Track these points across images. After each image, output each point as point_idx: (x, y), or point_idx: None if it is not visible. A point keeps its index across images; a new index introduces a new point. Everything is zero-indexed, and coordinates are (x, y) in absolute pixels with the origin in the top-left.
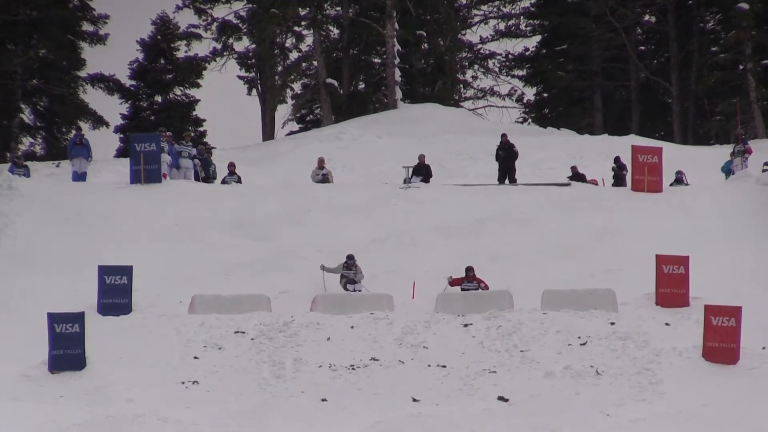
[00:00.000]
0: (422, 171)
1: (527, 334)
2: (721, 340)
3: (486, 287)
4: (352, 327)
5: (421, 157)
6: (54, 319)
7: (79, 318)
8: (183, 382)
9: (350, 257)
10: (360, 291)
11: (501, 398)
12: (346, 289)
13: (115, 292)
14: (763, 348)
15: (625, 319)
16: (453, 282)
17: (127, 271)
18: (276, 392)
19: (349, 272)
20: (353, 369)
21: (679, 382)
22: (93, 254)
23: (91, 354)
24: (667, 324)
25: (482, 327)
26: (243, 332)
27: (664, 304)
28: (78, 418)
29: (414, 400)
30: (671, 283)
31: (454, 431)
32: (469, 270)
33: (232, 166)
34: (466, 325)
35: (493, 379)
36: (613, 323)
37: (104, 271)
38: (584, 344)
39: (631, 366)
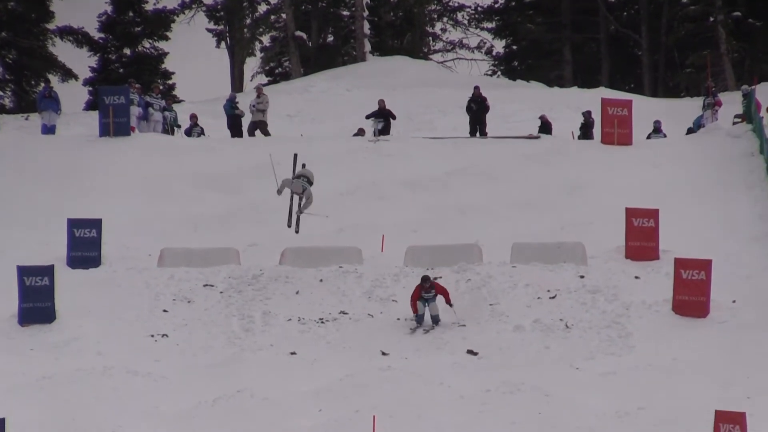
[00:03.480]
0: (383, 115)
1: (496, 288)
2: (691, 293)
3: (445, 293)
4: (321, 280)
5: (381, 102)
6: (23, 272)
7: (48, 271)
8: (152, 335)
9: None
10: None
11: (470, 352)
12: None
13: (85, 245)
14: (733, 301)
15: (594, 272)
16: (412, 297)
17: (96, 224)
18: (245, 345)
19: (297, 181)
20: (322, 322)
21: (649, 335)
22: (62, 207)
23: (61, 307)
24: (636, 277)
25: (451, 280)
26: (212, 285)
27: (634, 257)
28: (48, 370)
29: (383, 353)
30: (641, 236)
31: (423, 385)
32: (426, 280)
33: (194, 118)
34: (435, 279)
35: (462, 333)
36: (582, 277)
37: (73, 224)
38: (553, 298)
39: (601, 319)
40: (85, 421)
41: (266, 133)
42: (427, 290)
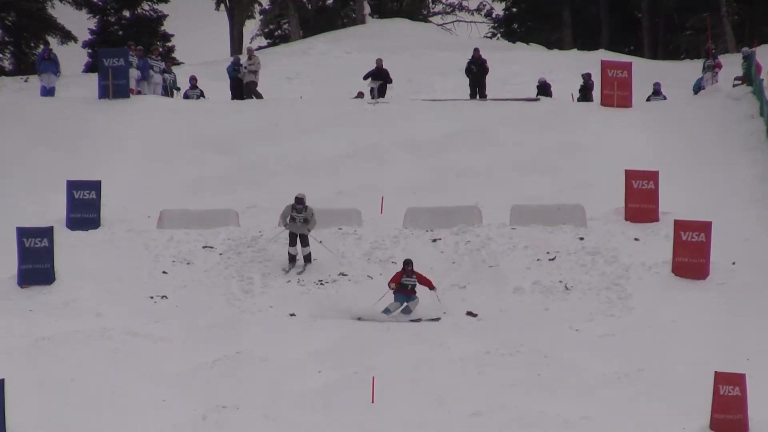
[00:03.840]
0: (381, 76)
1: (496, 250)
2: (691, 255)
3: (427, 281)
4: (321, 242)
5: (379, 62)
6: (23, 233)
7: (47, 232)
8: (152, 297)
9: (299, 200)
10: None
11: (470, 313)
12: (289, 249)
13: (84, 206)
14: (733, 263)
15: (594, 234)
16: (392, 279)
17: (95, 186)
18: (244, 307)
19: (298, 216)
20: (321, 284)
21: (649, 297)
22: (61, 169)
23: (60, 269)
24: (636, 239)
25: (451, 242)
26: (211, 247)
27: (634, 219)
28: (47, 332)
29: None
30: (640, 198)
31: (423, 345)
32: (408, 264)
33: (193, 80)
34: (434, 240)
35: (462, 295)
36: (582, 238)
37: (72, 185)
38: (553, 259)
39: (600, 281)
40: (84, 383)
41: (257, 95)
42: (408, 274)
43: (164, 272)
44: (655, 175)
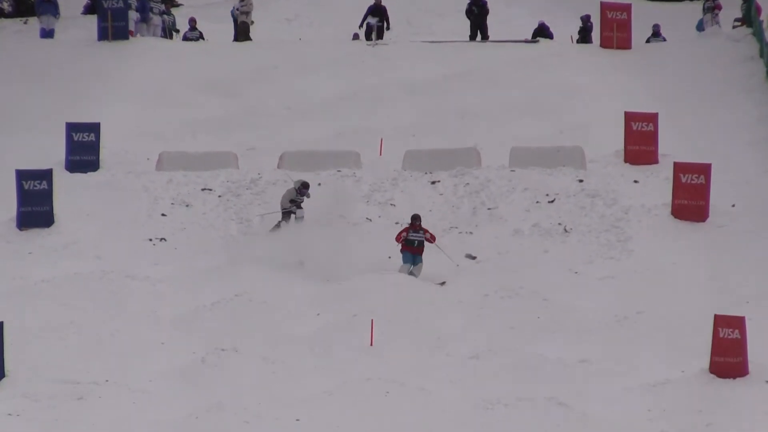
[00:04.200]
0: (379, 12)
1: (495, 192)
2: (690, 197)
3: (432, 237)
4: (320, 184)
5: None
6: (22, 176)
7: (47, 175)
8: (150, 239)
9: (305, 185)
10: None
11: (469, 256)
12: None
13: (83, 149)
14: (733, 206)
15: (593, 176)
16: (398, 237)
17: (94, 128)
18: (243, 250)
19: (301, 198)
20: (320, 226)
21: (648, 239)
22: (61, 111)
23: (59, 211)
24: (635, 181)
25: (450, 184)
26: (210, 189)
27: (633, 161)
28: (46, 274)
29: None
30: (640, 140)
31: (421, 288)
32: (416, 219)
33: (193, 22)
34: (433, 183)
35: (461, 237)
36: (581, 180)
37: (72, 128)
38: (552, 202)
39: (600, 223)
40: (84, 325)
41: (246, 36)
42: (415, 229)
43: (163, 214)
44: (654, 117)
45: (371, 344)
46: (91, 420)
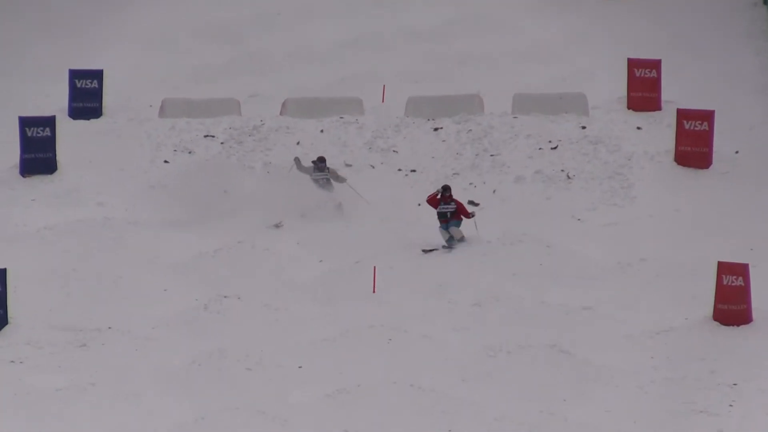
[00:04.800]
0: None
1: (498, 138)
2: (694, 144)
3: (463, 210)
4: (322, 131)
5: None
6: (25, 122)
7: (50, 122)
8: (153, 186)
9: (321, 159)
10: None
11: (471, 202)
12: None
13: (86, 95)
14: (736, 152)
15: (596, 122)
16: (429, 200)
17: (97, 75)
18: (246, 195)
19: (321, 175)
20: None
21: (651, 186)
22: (63, 58)
23: (62, 158)
24: (638, 128)
25: (452, 131)
26: (213, 136)
27: (636, 107)
28: (49, 221)
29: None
30: (643, 86)
31: (424, 230)
32: (446, 189)
33: None
34: (436, 129)
35: (464, 184)
36: (584, 127)
37: (75, 74)
38: (555, 148)
39: (603, 170)
40: (86, 272)
41: None
42: (446, 201)
43: (166, 161)
44: (657, 63)
45: (374, 291)
46: (94, 367)
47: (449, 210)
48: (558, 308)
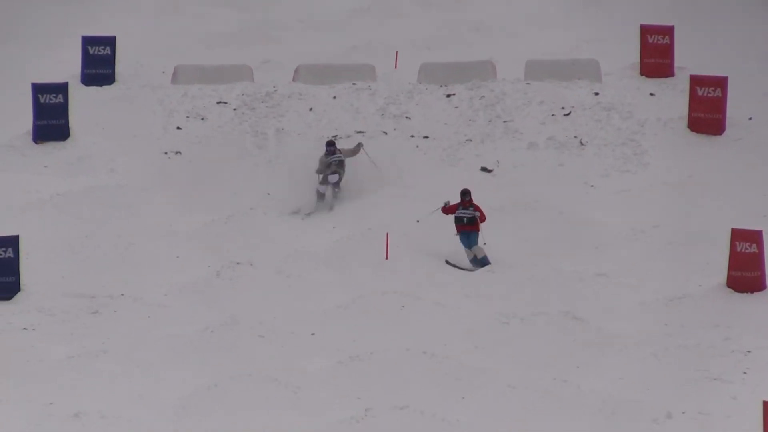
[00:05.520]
0: None
1: (510, 105)
2: (707, 110)
3: (482, 216)
4: (335, 97)
5: None
6: (38, 89)
7: (62, 88)
8: (166, 153)
9: (330, 143)
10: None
11: (484, 169)
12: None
13: (99, 62)
14: (749, 118)
15: (609, 89)
16: (447, 209)
17: (110, 41)
18: (258, 162)
19: (334, 158)
20: (337, 140)
21: (664, 152)
22: (76, 25)
23: (75, 124)
24: (652, 94)
25: (465, 97)
26: (225, 102)
27: (649, 74)
28: (62, 187)
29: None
30: (656, 52)
31: (437, 201)
32: (465, 194)
33: None
34: (448, 96)
35: (476, 150)
36: (597, 93)
37: (87, 41)
38: (568, 115)
39: (616, 137)
40: (99, 238)
41: None
42: (465, 205)
43: (178, 128)
44: (670, 29)
45: (386, 258)
46: (106, 334)
47: (466, 216)
48: (571, 275)
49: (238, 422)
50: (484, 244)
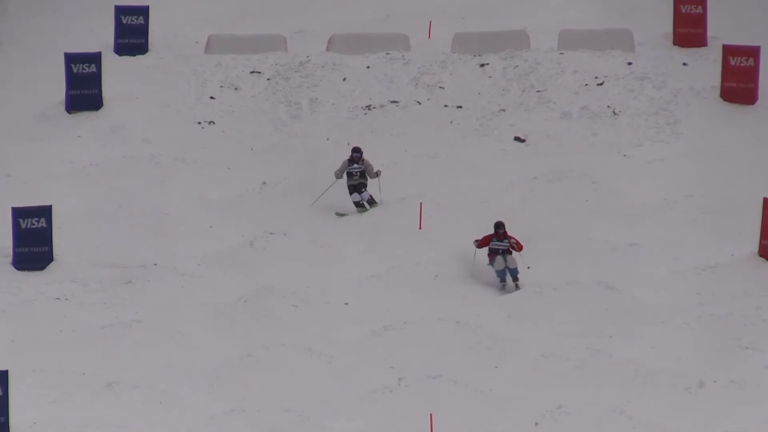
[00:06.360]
0: None
1: (544, 74)
2: (740, 80)
3: (518, 245)
4: (368, 67)
5: None
6: (71, 59)
7: (96, 58)
8: (199, 122)
9: (355, 150)
10: (366, 201)
11: (517, 138)
12: (352, 197)
13: (132, 32)
14: None
15: (642, 59)
16: (480, 243)
17: (143, 10)
18: (292, 132)
19: (356, 168)
20: (369, 110)
21: (697, 122)
22: None
23: (108, 94)
24: (684, 64)
25: (499, 67)
26: (259, 72)
27: (682, 43)
28: (95, 157)
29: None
30: (689, 22)
31: (470, 171)
32: (499, 227)
33: None
34: (482, 65)
35: (510, 120)
36: (630, 63)
37: (120, 11)
38: (601, 84)
39: (649, 106)
40: (132, 208)
41: None
42: (499, 238)
43: (212, 97)
44: None
45: (420, 228)
46: (139, 304)
47: (502, 247)
48: (604, 244)
49: (272, 392)
50: (528, 268)
